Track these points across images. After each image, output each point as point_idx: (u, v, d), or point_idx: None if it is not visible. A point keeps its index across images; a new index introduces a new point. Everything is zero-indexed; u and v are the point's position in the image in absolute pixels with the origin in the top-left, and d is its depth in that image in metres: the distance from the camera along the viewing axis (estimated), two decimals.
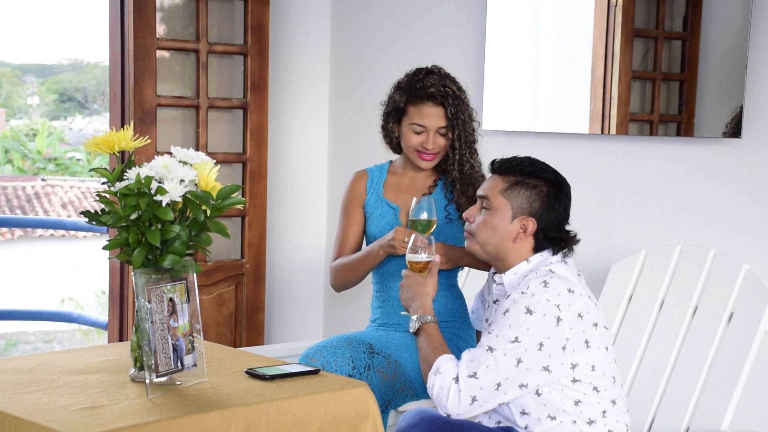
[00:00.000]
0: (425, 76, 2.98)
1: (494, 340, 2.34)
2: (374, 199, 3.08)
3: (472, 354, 2.36)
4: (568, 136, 3.55)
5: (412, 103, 2.96)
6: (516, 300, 2.35)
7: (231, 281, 4.31)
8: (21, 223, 12.42)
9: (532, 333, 2.31)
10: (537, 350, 2.32)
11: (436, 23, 4.03)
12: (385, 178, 3.11)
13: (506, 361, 2.31)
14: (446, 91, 2.94)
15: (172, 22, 4.25)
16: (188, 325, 2.26)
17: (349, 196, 3.12)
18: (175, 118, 4.24)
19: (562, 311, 2.33)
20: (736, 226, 3.09)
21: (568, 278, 2.40)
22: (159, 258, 2.27)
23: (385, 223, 3.04)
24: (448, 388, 2.34)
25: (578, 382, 2.37)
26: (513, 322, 2.33)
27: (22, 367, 2.41)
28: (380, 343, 2.90)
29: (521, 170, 2.47)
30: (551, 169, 2.51)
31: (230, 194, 2.30)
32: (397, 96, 3.00)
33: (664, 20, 3.30)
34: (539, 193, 2.45)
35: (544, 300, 2.33)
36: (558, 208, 2.46)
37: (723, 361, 2.73)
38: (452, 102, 2.94)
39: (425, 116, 2.94)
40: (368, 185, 3.10)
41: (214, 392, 2.21)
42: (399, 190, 3.08)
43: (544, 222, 2.45)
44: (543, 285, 2.35)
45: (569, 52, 3.58)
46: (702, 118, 3.18)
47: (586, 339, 2.36)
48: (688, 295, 2.88)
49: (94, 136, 2.34)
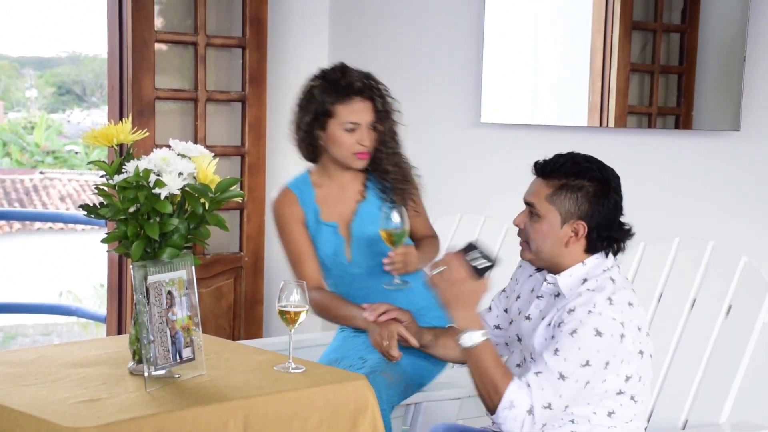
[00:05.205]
0: (344, 72, 2.86)
1: (563, 364, 2.23)
2: (313, 221, 2.94)
3: (541, 381, 2.23)
4: (567, 128, 3.55)
5: (340, 102, 2.82)
6: (583, 321, 2.24)
7: (229, 274, 4.31)
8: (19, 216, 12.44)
9: (601, 354, 2.24)
10: (603, 369, 2.26)
11: (434, 16, 4.03)
12: (313, 192, 2.96)
13: (577, 387, 2.25)
14: (369, 83, 2.85)
15: (170, 14, 4.24)
16: (187, 318, 2.26)
17: (287, 219, 2.94)
18: (173, 111, 4.23)
19: (625, 327, 2.27)
20: (735, 219, 3.09)
21: (626, 287, 2.34)
22: (157, 251, 2.26)
23: (331, 246, 2.92)
24: (522, 421, 2.22)
25: (622, 394, 2.33)
26: (582, 344, 2.23)
27: (21, 360, 2.41)
28: (366, 351, 2.84)
29: (565, 172, 2.35)
30: (595, 164, 2.38)
31: (228, 187, 2.30)
32: (321, 98, 2.84)
33: (663, 13, 3.29)
34: (586, 195, 2.34)
35: (611, 319, 2.25)
36: (607, 206, 2.36)
37: (722, 353, 2.73)
38: (377, 93, 2.86)
39: (357, 112, 2.83)
40: (302, 204, 2.94)
41: (212, 385, 2.21)
42: (331, 203, 2.95)
43: (594, 223, 2.35)
44: (609, 303, 2.26)
45: (568, 45, 3.58)
46: (700, 110, 3.18)
47: (641, 350, 2.33)
48: (686, 287, 2.88)
49: (93, 129, 2.34)
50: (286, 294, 2.38)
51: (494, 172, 3.83)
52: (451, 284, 2.31)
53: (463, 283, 2.31)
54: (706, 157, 3.17)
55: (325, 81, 2.85)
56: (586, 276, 2.36)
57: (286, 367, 2.36)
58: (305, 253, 2.93)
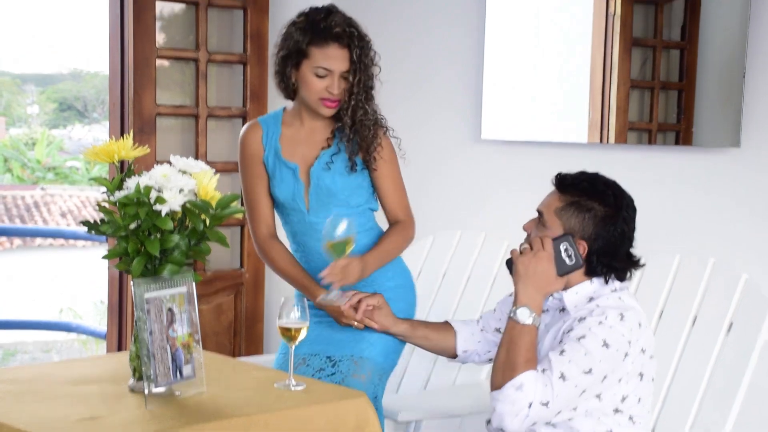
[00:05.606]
0: (327, 15, 2.74)
1: (567, 366, 2.23)
2: (272, 157, 2.86)
3: (545, 378, 2.24)
4: (567, 145, 3.55)
5: (315, 45, 2.72)
6: (593, 329, 2.25)
7: (230, 291, 4.31)
8: (20, 232, 12.44)
9: (603, 365, 2.25)
10: (600, 382, 2.26)
11: (435, 33, 4.04)
12: (280, 132, 2.87)
13: (575, 392, 2.25)
14: (351, 31, 2.73)
15: (172, 31, 4.25)
16: (187, 335, 2.25)
17: (245, 154, 2.89)
18: (174, 127, 4.24)
19: (631, 346, 2.27)
20: (735, 236, 3.08)
21: (636, 308, 2.33)
22: (158, 267, 2.26)
23: (287, 187, 2.84)
24: (518, 410, 2.23)
25: (619, 412, 2.32)
26: (588, 350, 2.23)
27: (21, 378, 2.40)
28: (333, 346, 2.79)
29: (580, 190, 2.35)
30: (614, 191, 2.37)
31: (229, 203, 2.30)
32: (298, 36, 2.74)
33: (663, 29, 3.30)
34: (594, 217, 2.33)
35: (620, 335, 2.25)
36: (613, 233, 2.33)
37: (723, 371, 2.72)
38: (357, 44, 2.74)
39: (330, 59, 2.72)
40: (264, 140, 2.87)
41: (212, 403, 2.21)
42: (296, 144, 2.86)
43: (596, 246, 2.33)
44: (620, 318, 2.27)
45: (568, 62, 3.58)
46: (700, 127, 3.18)
47: (641, 372, 2.32)
48: (687, 304, 2.88)
49: (94, 146, 2.34)
50: (286, 311, 2.37)
51: (495, 189, 3.83)
52: (534, 261, 2.33)
53: (546, 266, 2.32)
54: (707, 173, 3.17)
55: (306, 20, 2.76)
56: (593, 294, 2.36)
57: (287, 385, 2.35)
58: (260, 200, 2.88)
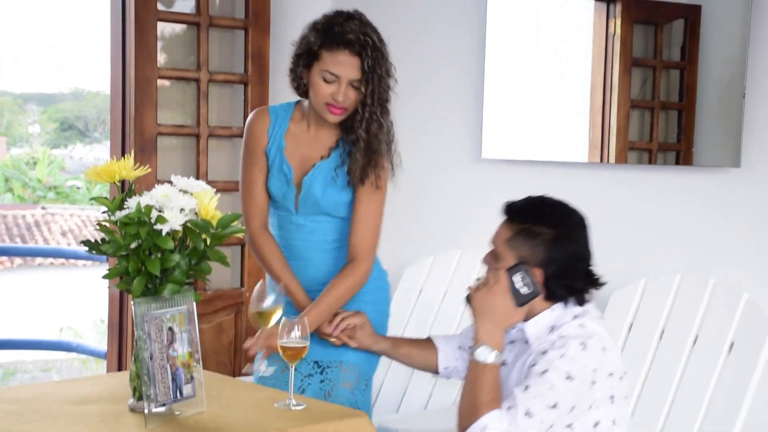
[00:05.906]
0: (345, 20, 2.68)
1: (532, 401, 2.20)
2: (275, 150, 2.83)
3: (510, 417, 2.21)
4: (567, 164, 3.56)
5: (326, 48, 2.66)
6: (554, 362, 2.22)
7: (230, 310, 4.30)
8: (21, 251, 12.42)
9: (568, 397, 2.22)
10: (568, 413, 2.24)
11: (435, 53, 4.05)
12: (287, 126, 2.83)
13: (542, 427, 2.22)
14: (366, 40, 2.65)
15: (173, 51, 4.27)
16: (187, 355, 2.25)
17: (250, 140, 2.85)
18: (175, 147, 4.25)
19: (597, 374, 2.24)
20: (736, 255, 3.08)
21: (598, 333, 2.28)
22: (159, 287, 2.26)
23: (280, 186, 2.82)
24: None
25: None
26: (552, 385, 2.20)
27: (21, 397, 2.39)
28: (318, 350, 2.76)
29: (525, 217, 2.34)
30: (560, 212, 2.35)
31: (230, 223, 2.30)
32: (312, 37, 2.69)
33: (663, 49, 3.31)
34: (543, 242, 2.29)
35: (583, 365, 2.22)
36: (564, 254, 2.30)
37: (724, 391, 2.72)
38: (370, 53, 2.65)
39: (339, 64, 2.65)
40: (270, 131, 2.83)
41: (212, 422, 2.20)
42: (298, 146, 2.82)
43: (552, 270, 2.30)
44: (582, 348, 2.23)
45: (568, 82, 3.60)
46: (701, 146, 3.19)
47: (612, 395, 2.29)
48: (688, 324, 2.87)
49: (95, 165, 2.35)
50: (287, 331, 2.37)
51: (495, 208, 3.82)
52: (489, 295, 2.30)
53: (501, 299, 2.29)
54: (707, 193, 3.18)
55: (324, 22, 2.71)
56: (554, 323, 2.32)
57: (287, 404, 2.34)
58: (256, 191, 2.87)
